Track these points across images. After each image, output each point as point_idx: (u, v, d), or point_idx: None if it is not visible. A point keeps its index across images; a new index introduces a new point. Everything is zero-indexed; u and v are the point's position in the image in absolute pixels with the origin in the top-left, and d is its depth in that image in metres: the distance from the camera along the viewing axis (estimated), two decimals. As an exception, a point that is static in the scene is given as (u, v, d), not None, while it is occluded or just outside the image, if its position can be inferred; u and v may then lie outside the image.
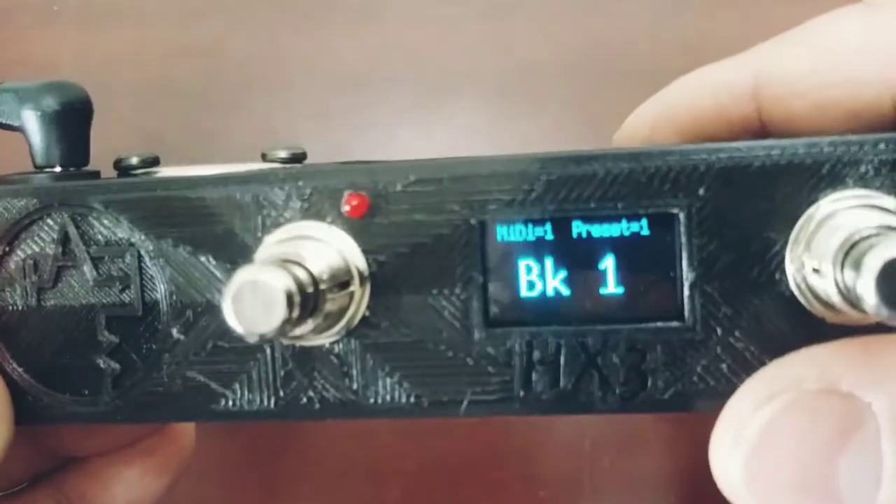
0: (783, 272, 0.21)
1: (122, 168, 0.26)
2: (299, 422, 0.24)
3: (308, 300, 0.20)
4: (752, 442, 0.19)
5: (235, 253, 0.23)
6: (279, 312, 0.19)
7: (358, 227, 0.22)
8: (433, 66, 0.46)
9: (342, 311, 0.22)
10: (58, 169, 0.25)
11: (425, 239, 0.22)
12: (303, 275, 0.20)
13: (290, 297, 0.19)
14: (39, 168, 0.25)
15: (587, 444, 0.46)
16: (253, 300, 0.19)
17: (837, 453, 0.19)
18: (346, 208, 0.22)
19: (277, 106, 0.46)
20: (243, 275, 0.19)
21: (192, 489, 0.44)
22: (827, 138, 0.21)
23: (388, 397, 0.23)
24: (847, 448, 0.19)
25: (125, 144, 0.29)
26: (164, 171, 0.25)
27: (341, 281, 0.21)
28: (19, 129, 0.25)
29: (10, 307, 0.24)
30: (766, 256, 0.21)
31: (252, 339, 0.19)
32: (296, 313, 0.19)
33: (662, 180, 0.21)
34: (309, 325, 0.20)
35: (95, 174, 0.26)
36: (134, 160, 0.26)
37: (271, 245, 0.22)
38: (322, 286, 0.20)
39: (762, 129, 0.27)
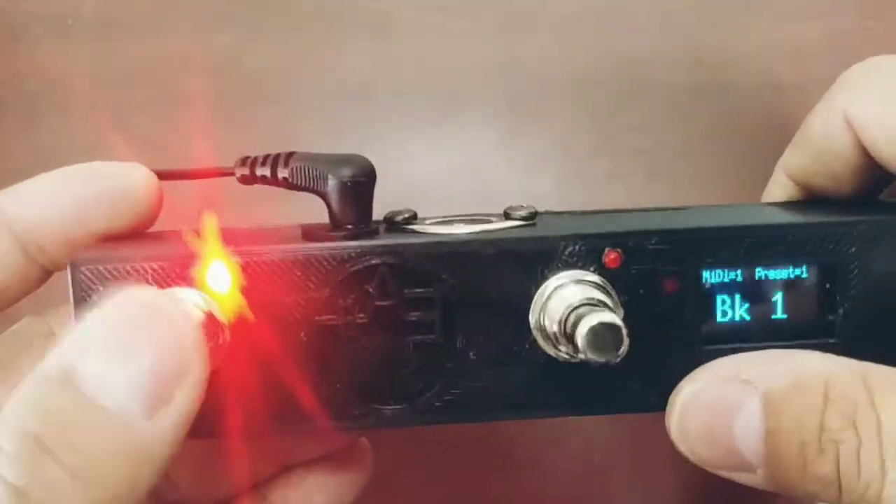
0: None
1: (391, 222, 0.32)
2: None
3: None
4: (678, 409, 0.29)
5: (518, 294, 0.30)
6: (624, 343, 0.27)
7: (613, 276, 0.30)
8: (443, 80, 0.47)
9: None
10: (350, 226, 0.31)
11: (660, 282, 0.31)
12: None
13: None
14: (336, 226, 0.31)
15: (596, 458, 0.48)
16: (608, 335, 0.27)
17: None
18: (605, 260, 0.30)
19: (290, 119, 0.47)
20: (599, 317, 0.27)
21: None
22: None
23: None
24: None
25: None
26: (431, 227, 0.32)
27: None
28: (321, 194, 0.31)
29: (332, 336, 0.30)
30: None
31: (600, 364, 0.27)
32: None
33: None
34: None
35: (376, 231, 0.32)
36: (401, 217, 0.32)
37: (553, 288, 0.30)
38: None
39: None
